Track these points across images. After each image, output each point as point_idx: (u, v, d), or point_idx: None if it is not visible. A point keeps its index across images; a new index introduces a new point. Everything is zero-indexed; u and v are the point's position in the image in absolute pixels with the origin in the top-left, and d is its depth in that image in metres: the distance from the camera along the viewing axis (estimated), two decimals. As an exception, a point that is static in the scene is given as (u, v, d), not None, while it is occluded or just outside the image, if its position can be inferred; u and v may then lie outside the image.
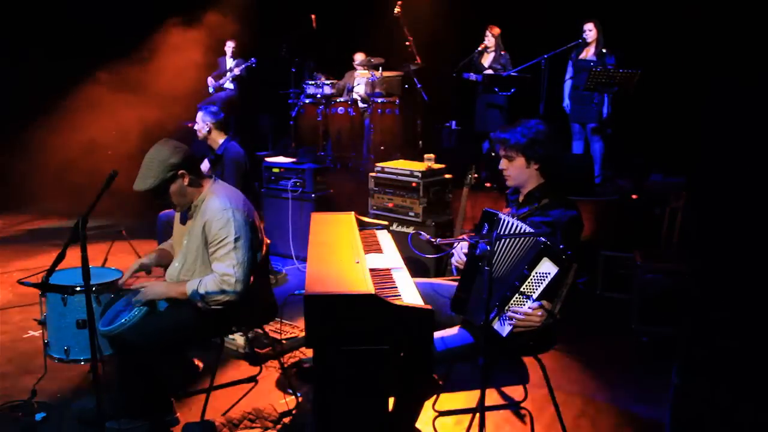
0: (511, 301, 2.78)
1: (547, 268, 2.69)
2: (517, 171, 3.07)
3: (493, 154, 7.48)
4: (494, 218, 2.88)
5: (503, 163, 3.10)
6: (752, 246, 4.59)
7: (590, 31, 6.93)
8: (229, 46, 9.06)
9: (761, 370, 3.22)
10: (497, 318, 2.81)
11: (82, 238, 2.61)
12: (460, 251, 3.20)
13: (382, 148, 8.02)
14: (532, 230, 2.80)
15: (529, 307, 2.74)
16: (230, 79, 8.94)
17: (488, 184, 7.07)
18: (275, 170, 6.34)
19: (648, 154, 7.39)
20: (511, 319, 2.76)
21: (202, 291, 3.14)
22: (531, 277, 2.72)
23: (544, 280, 2.70)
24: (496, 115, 7.57)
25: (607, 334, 4.69)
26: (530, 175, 3.07)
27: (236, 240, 3.16)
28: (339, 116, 8.08)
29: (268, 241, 3.61)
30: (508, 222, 2.86)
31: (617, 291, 5.32)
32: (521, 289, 2.75)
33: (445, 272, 4.93)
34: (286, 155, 7.00)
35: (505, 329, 2.79)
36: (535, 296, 2.73)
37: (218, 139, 5.25)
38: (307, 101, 8.22)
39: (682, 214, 4.67)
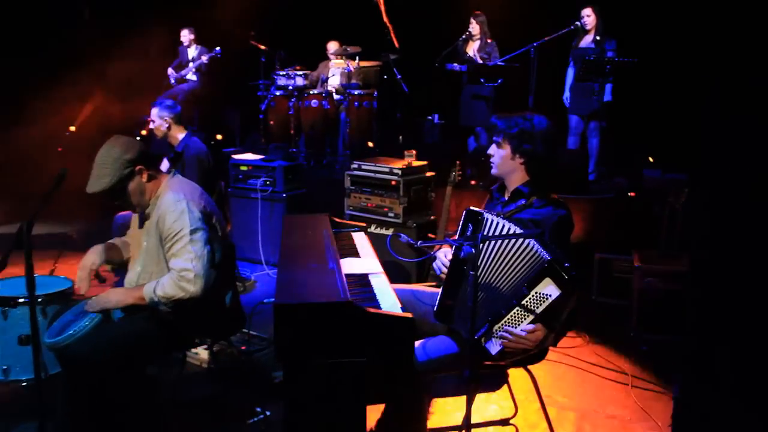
0: (505, 319, 2.78)
1: (548, 289, 2.69)
2: (502, 160, 3.11)
3: (478, 148, 7.50)
4: (479, 218, 2.89)
5: (492, 148, 3.14)
6: (760, 246, 4.62)
7: (588, 17, 6.96)
8: (185, 36, 8.98)
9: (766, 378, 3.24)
10: (487, 334, 2.80)
11: (27, 245, 2.55)
12: (443, 255, 3.20)
13: (359, 143, 8.01)
14: (520, 230, 2.80)
15: (523, 329, 2.74)
16: (193, 69, 8.87)
17: (474, 182, 7.08)
18: (243, 168, 6.32)
19: (647, 149, 7.44)
20: (503, 338, 2.77)
21: (159, 293, 3.09)
22: (530, 296, 2.72)
23: (544, 301, 2.70)
24: (482, 107, 7.58)
25: (603, 342, 4.70)
26: (513, 167, 3.10)
27: (192, 232, 3.12)
28: (312, 109, 8.07)
29: (234, 245, 3.58)
30: (494, 222, 2.87)
31: (614, 296, 5.35)
32: (517, 308, 2.75)
33: (428, 278, 4.93)
34: (255, 152, 6.97)
35: (494, 348, 2.79)
36: (531, 318, 2.73)
37: (178, 135, 5.20)
38: (277, 93, 8.19)
39: (684, 213, 4.69)
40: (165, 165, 5.17)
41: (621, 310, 5.08)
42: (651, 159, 6.73)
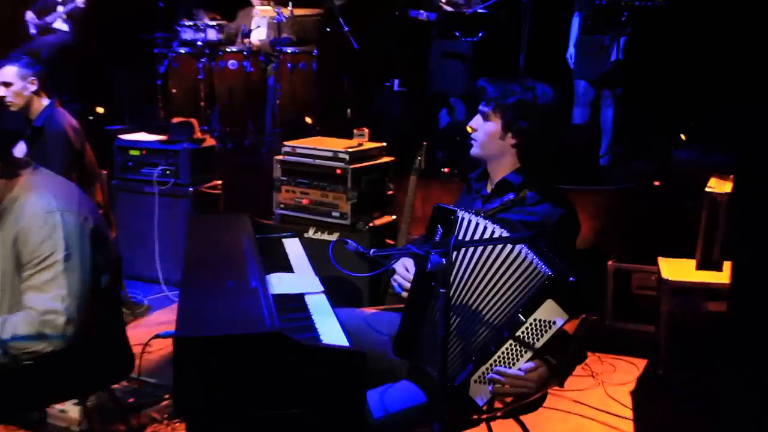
0: (495, 358, 2.78)
1: (551, 314, 2.69)
2: (487, 137, 3.16)
3: (453, 123, 7.51)
4: (451, 217, 2.94)
5: (476, 120, 3.20)
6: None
7: None
8: None
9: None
10: (471, 378, 2.81)
11: None
12: (405, 267, 3.22)
13: (292, 119, 8.00)
14: (507, 234, 2.82)
15: (520, 369, 2.74)
16: (62, 16, 8.70)
17: (447, 170, 7.11)
18: (134, 153, 6.29)
19: (677, 123, 7.51)
20: (493, 382, 2.76)
21: (7, 336, 3.01)
22: (527, 324, 2.72)
23: (545, 331, 2.70)
24: (457, 69, 7.60)
25: (621, 383, 4.73)
26: (502, 149, 3.16)
27: (66, 258, 3.07)
28: (230, 73, 8.04)
29: (120, 258, 3.54)
30: (472, 222, 2.90)
31: (634, 319, 5.40)
32: (511, 341, 2.76)
33: (386, 298, 4.92)
34: (150, 131, 6.88)
35: (482, 395, 2.79)
36: (530, 354, 2.73)
37: (37, 104, 5.17)
38: (181, 51, 8.16)
39: (729, 208, 4.72)
40: (21, 149, 5.08)
41: (644, 338, 5.13)
42: (683, 136, 6.79)
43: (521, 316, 2.73)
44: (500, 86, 3.12)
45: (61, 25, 8.78)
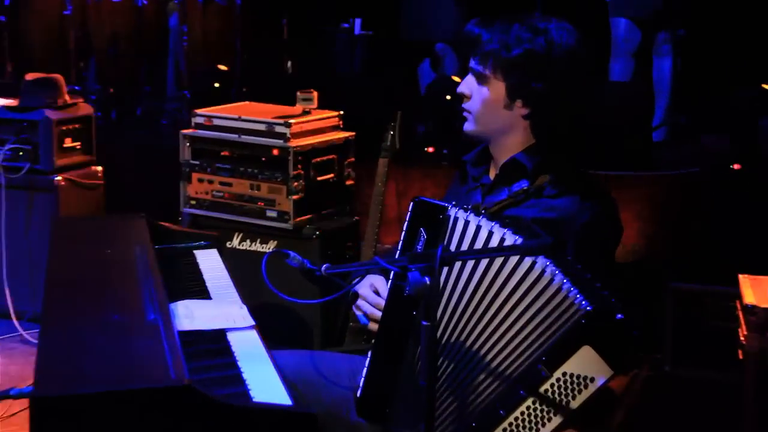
0: (505, 425, 2.77)
1: (588, 366, 2.67)
2: (486, 107, 3.19)
3: (440, 81, 7.53)
4: (438, 216, 2.94)
5: (466, 84, 3.24)
6: None
7: None
8: None
9: None
10: None
11: None
12: (372, 289, 3.23)
13: (206, 76, 8.01)
14: (519, 239, 2.81)
15: None
16: None
17: (432, 149, 7.14)
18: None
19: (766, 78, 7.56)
20: None
21: None
22: (552, 381, 2.71)
23: (580, 389, 2.69)
24: (444, 5, 7.65)
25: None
26: (507, 122, 3.21)
27: None
28: (114, 7, 8.06)
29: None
30: (469, 223, 2.90)
31: (706, 364, 5.42)
32: (530, 402, 2.75)
33: (345, 334, 4.91)
34: (-5, 92, 6.86)
35: None
36: (558, 421, 2.72)
37: None
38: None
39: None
40: None
41: (723, 390, 5.15)
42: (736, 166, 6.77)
43: (544, 368, 2.70)
44: (499, 32, 3.12)
45: None
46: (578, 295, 2.66)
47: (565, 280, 2.71)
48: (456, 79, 6.65)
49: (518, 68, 3.08)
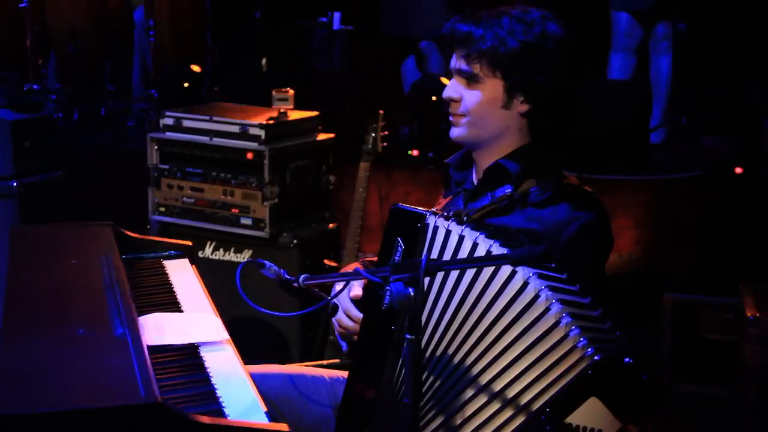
0: None
1: (593, 419, 2.62)
2: (483, 109, 3.16)
3: (425, 80, 7.55)
4: (416, 225, 2.93)
5: (453, 88, 3.21)
6: None
7: None
8: None
9: None
10: None
11: None
12: (351, 301, 3.22)
13: (175, 74, 8.02)
14: (501, 249, 2.78)
15: None
16: None
17: (416, 153, 7.15)
18: None
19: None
20: None
21: None
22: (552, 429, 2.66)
23: None
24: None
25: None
26: (505, 124, 3.18)
27: None
28: (74, 0, 8.03)
29: None
30: (451, 233, 2.87)
31: (705, 380, 5.43)
32: None
33: (325, 348, 4.92)
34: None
35: None
36: None
37: None
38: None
39: None
40: None
41: (723, 407, 5.17)
42: (738, 170, 6.74)
43: (548, 421, 2.64)
44: (491, 27, 3.10)
45: None
46: (581, 338, 2.59)
47: (565, 314, 2.64)
48: (444, 80, 6.62)
49: (519, 62, 3.06)
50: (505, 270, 2.73)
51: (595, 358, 2.56)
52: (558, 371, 2.64)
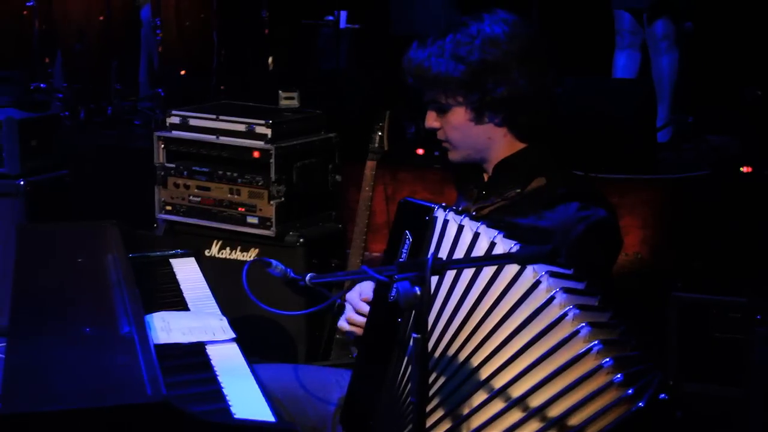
0: None
1: None
2: (459, 133, 3.21)
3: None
4: (424, 218, 2.92)
5: (430, 117, 3.26)
6: None
7: None
8: None
9: None
10: None
11: None
12: (359, 298, 3.23)
13: (182, 72, 8.04)
14: (512, 245, 2.75)
15: None
16: None
17: (422, 151, 7.14)
18: None
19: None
20: None
21: None
22: None
23: None
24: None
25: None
26: (485, 136, 3.20)
27: None
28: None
29: None
30: (463, 227, 2.85)
31: (712, 380, 5.43)
32: None
33: (332, 346, 4.91)
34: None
35: None
36: None
37: None
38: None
39: None
40: None
41: (730, 407, 5.17)
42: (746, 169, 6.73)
43: None
44: (434, 53, 3.12)
45: None
46: (618, 374, 2.52)
47: (583, 323, 2.57)
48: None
49: (471, 85, 3.08)
50: (528, 274, 2.67)
51: (639, 404, 2.51)
52: (573, 376, 2.59)
